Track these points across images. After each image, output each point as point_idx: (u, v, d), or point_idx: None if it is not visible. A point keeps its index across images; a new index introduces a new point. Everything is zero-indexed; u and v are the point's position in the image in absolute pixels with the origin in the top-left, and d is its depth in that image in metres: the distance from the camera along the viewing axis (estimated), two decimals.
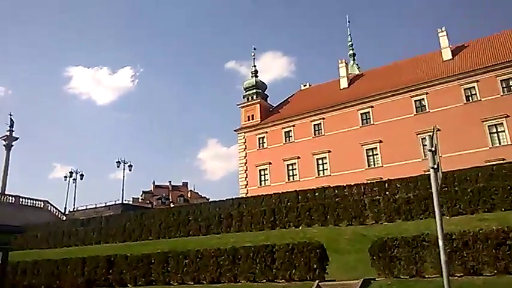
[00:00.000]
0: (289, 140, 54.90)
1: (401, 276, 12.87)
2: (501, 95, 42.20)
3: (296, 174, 52.50)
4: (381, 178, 34.46)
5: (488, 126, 41.94)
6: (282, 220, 23.47)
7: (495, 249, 11.71)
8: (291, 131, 55.09)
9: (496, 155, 38.51)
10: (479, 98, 43.45)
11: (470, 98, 44.15)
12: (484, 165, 27.13)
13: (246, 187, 55.61)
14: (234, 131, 60.25)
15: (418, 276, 12.61)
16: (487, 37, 48.75)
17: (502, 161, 33.13)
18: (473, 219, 17.61)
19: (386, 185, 26.53)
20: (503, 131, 41.07)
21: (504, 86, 42.54)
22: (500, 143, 40.96)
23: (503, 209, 18.14)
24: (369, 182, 32.32)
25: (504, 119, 41.16)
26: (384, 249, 13.17)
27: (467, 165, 27.05)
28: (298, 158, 52.63)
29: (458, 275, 12.15)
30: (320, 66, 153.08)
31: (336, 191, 27.78)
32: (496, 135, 41.46)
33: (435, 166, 7.23)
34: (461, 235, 12.29)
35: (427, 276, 12.56)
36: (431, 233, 12.92)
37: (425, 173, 29.06)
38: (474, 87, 44.10)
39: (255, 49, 67.84)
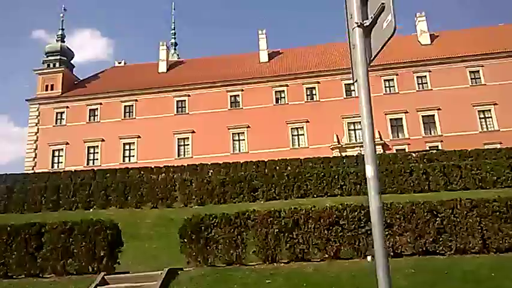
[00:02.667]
0: (94, 120, 48.08)
1: (218, 264, 10.07)
2: (305, 102, 45.03)
3: (97, 159, 46.16)
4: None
5: (291, 128, 44.27)
6: (67, 200, 18.46)
7: (327, 230, 9.96)
8: (97, 109, 48.33)
9: (296, 154, 40.62)
10: (286, 102, 45.63)
11: (279, 100, 46.04)
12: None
13: (33, 168, 46.03)
14: (26, 100, 49.76)
15: (239, 263, 10.00)
16: (304, 47, 51.95)
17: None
18: (288, 204, 16.35)
19: (198, 168, 24.08)
20: (303, 134, 43.84)
21: (308, 93, 45.65)
22: (299, 145, 43.38)
23: (315, 195, 17.57)
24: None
25: (305, 123, 43.98)
26: (199, 230, 10.16)
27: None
28: (103, 140, 46.44)
29: (284, 260, 10.02)
30: (141, 55, 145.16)
31: (142, 172, 23.99)
32: (297, 137, 43.99)
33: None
34: (292, 213, 10.21)
35: (249, 263, 10.07)
36: (259, 211, 10.60)
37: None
38: (284, 90, 46.19)
39: (65, 10, 57.19)
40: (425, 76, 41.60)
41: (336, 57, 45.41)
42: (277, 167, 24.72)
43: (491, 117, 39.72)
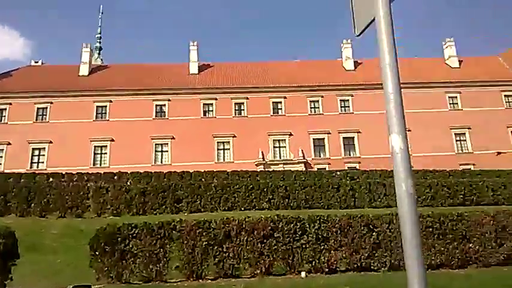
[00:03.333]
0: (1, 121, 43.28)
1: (134, 281, 8.74)
2: (233, 116, 44.47)
3: (1, 163, 41.34)
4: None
5: (218, 142, 43.37)
6: None
7: (261, 243, 9.12)
8: (5, 109, 43.60)
9: (221, 168, 39.72)
10: (214, 115, 44.74)
11: (207, 113, 45.00)
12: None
13: None
14: None
15: (159, 279, 8.76)
16: (235, 62, 51.57)
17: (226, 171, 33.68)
18: (214, 217, 15.31)
19: (115, 177, 22.14)
20: (229, 149, 43.09)
21: (236, 108, 45.18)
22: (224, 159, 42.44)
23: (243, 209, 16.74)
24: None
25: (231, 138, 43.32)
26: (115, 241, 8.78)
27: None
28: (9, 144, 41.80)
29: (211, 277, 8.97)
30: (63, 58, 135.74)
31: (51, 179, 21.47)
32: (222, 151, 43.10)
33: None
34: (224, 224, 9.24)
35: (170, 280, 8.87)
36: (186, 221, 9.48)
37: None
38: (212, 104, 45.30)
39: None
40: (348, 100, 43.22)
41: (265, 74, 45.70)
42: (203, 179, 23.55)
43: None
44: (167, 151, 42.57)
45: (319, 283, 8.73)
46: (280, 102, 42.59)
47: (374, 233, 9.67)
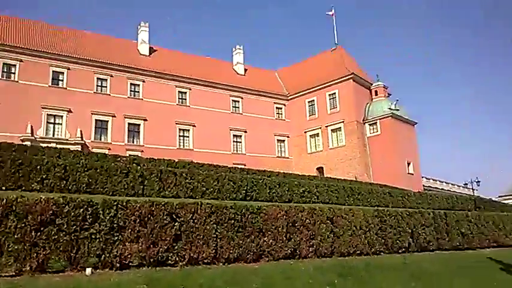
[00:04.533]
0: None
1: None
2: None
3: None
4: None
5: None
6: None
7: (36, 231, 6.99)
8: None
9: None
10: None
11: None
12: None
13: None
14: None
15: None
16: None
17: None
18: None
19: None
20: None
21: (5, 70, 37.48)
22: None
23: (4, 188, 13.26)
24: None
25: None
26: None
27: None
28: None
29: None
30: None
31: None
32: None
33: None
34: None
35: None
36: None
37: None
38: None
39: None
40: (139, 85, 41.35)
41: (41, 37, 39.32)
42: None
43: (188, 136, 42.93)
44: None
45: (109, 281, 7.24)
46: (62, 73, 37.35)
47: (176, 223, 8.74)
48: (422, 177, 48.67)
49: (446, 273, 11.81)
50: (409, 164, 44.36)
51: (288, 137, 48.93)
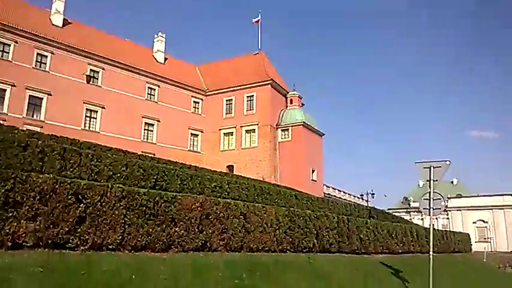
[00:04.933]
0: None
1: None
2: None
3: None
4: None
5: None
6: None
7: None
8: None
9: None
10: None
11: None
12: None
13: None
14: None
15: None
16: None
17: None
18: None
19: None
20: None
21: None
22: None
23: None
24: None
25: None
26: None
27: None
28: None
29: None
30: None
31: None
32: None
33: None
34: None
35: None
36: None
37: None
38: None
39: None
40: (47, 56, 37.85)
41: None
42: None
43: (96, 118, 40.34)
44: None
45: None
46: None
47: (82, 205, 7.97)
48: (324, 185, 51.33)
49: (346, 274, 12.42)
50: (313, 171, 46.50)
51: (202, 132, 48.49)
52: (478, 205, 59.83)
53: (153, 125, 44.26)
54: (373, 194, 43.54)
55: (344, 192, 61.51)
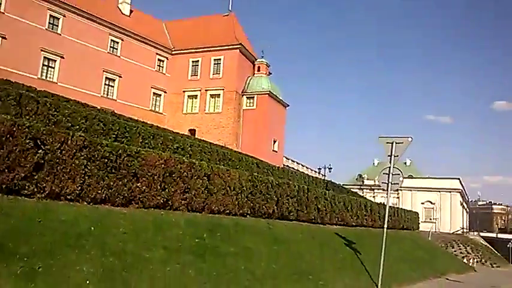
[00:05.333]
0: None
1: None
2: None
3: None
4: None
5: None
6: None
7: None
8: None
9: None
10: None
11: None
12: None
13: None
14: None
15: None
16: None
17: None
18: None
19: None
20: None
21: None
22: None
23: None
24: None
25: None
26: None
27: None
28: None
29: None
30: None
31: None
32: None
33: None
34: None
35: None
36: None
37: None
38: None
39: None
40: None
41: None
42: None
43: (54, 67, 38.27)
44: None
45: None
46: None
47: (41, 151, 7.50)
48: (284, 157, 51.93)
49: (303, 241, 12.68)
50: (275, 141, 46.80)
51: (165, 92, 47.33)
52: (427, 186, 62.76)
53: (114, 80, 42.63)
54: (330, 168, 44.56)
55: (302, 165, 62.58)
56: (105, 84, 41.96)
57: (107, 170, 8.68)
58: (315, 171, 58.63)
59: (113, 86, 42.62)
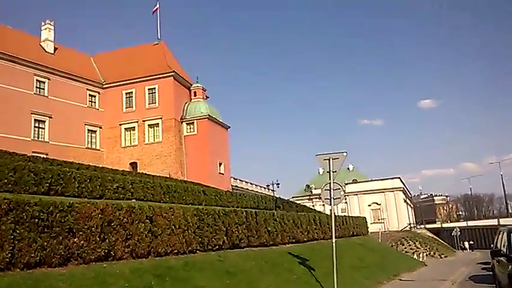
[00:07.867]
0: None
1: None
2: None
3: None
4: None
5: None
6: None
7: None
8: None
9: None
10: None
11: None
12: None
13: None
14: None
15: None
16: None
17: None
18: None
19: None
20: None
21: None
22: None
23: None
24: None
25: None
26: None
27: None
28: None
29: None
30: None
31: None
32: None
33: None
34: None
35: None
36: None
37: None
38: None
39: None
40: None
41: None
42: None
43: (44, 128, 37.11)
44: None
45: None
46: None
47: None
48: (231, 177, 51.81)
49: (256, 268, 12.58)
50: (220, 164, 46.62)
51: (100, 127, 45.79)
52: (372, 189, 65.08)
53: (44, 121, 40.59)
54: (278, 184, 44.90)
55: (251, 184, 62.71)
56: (34, 126, 39.82)
57: (39, 230, 8.14)
58: (264, 187, 58.93)
59: (43, 128, 40.53)
